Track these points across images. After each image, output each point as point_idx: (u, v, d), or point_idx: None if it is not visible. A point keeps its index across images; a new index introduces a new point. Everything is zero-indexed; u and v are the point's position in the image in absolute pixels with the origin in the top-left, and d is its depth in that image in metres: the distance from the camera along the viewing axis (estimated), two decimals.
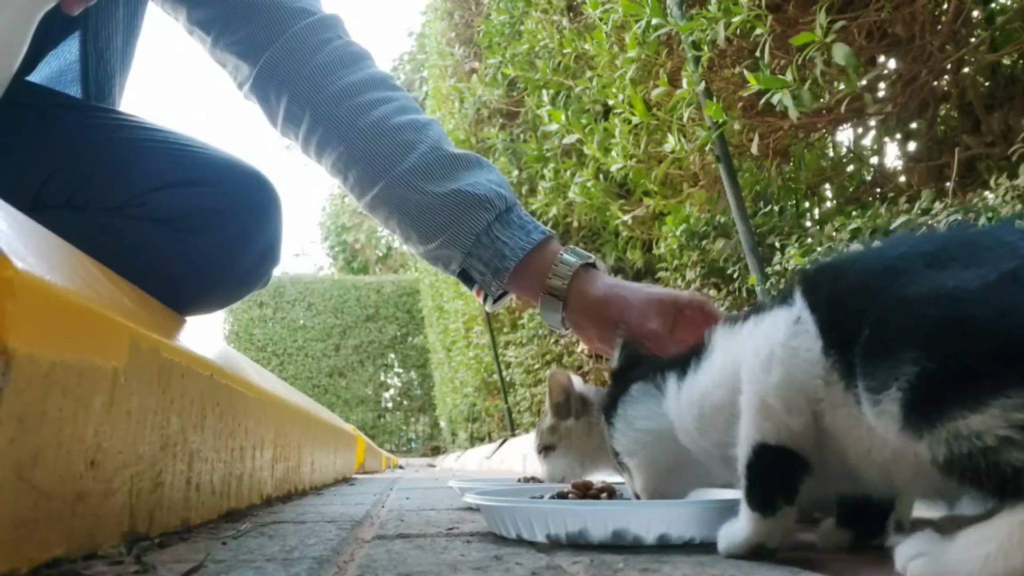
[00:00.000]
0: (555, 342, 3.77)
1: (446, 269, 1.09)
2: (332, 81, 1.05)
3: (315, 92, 1.05)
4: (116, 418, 0.60)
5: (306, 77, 1.05)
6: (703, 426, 0.71)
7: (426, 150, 1.04)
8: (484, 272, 1.04)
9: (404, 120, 1.06)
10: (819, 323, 0.59)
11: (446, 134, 1.12)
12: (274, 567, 0.58)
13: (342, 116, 1.04)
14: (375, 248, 16.43)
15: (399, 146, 1.03)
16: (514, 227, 1.04)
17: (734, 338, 0.69)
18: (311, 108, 1.05)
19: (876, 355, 0.52)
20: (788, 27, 1.79)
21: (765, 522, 0.61)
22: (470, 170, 1.05)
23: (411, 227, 1.05)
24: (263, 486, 1.21)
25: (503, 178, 1.08)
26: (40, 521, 0.50)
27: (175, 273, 1.01)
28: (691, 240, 2.34)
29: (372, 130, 1.04)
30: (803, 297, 0.61)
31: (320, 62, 1.06)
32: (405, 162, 1.02)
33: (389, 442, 13.18)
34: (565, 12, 3.13)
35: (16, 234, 0.53)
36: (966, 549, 0.47)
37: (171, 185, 1.02)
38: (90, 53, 1.14)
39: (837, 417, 0.58)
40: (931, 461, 0.49)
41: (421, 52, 11.11)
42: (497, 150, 4.28)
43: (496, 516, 0.81)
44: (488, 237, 1.02)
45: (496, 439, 5.60)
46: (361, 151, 1.04)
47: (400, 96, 1.10)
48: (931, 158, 2.02)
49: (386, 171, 1.03)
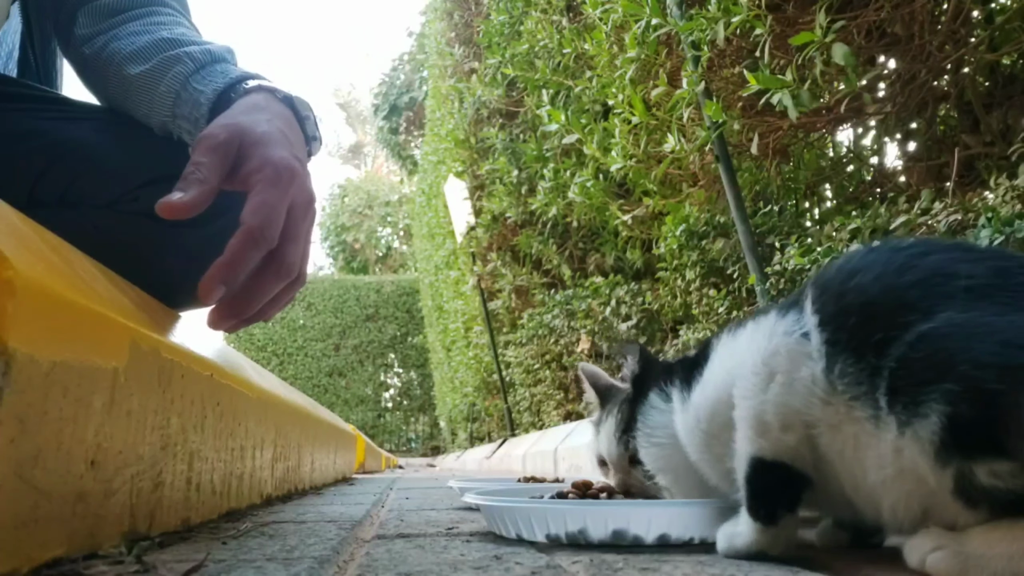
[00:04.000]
0: (555, 342, 3.77)
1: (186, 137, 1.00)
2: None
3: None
4: (116, 418, 0.60)
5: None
6: (704, 440, 0.70)
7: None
8: (191, 132, 0.96)
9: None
10: (830, 339, 0.57)
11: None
12: (274, 567, 0.58)
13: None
14: (375, 248, 16.43)
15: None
16: (215, 74, 0.95)
17: (732, 350, 0.68)
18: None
19: (914, 380, 0.51)
20: (788, 27, 1.79)
21: (768, 531, 0.61)
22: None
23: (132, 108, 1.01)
24: (263, 486, 1.21)
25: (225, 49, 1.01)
26: (40, 521, 0.50)
27: (170, 268, 0.99)
28: (691, 240, 2.34)
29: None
30: (814, 311, 0.60)
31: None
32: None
33: (389, 442, 13.18)
34: (565, 12, 3.13)
35: (16, 234, 0.53)
36: (989, 546, 0.47)
37: (163, 179, 1.00)
38: (34, 29, 1.11)
39: (836, 438, 0.57)
40: (952, 490, 0.49)
41: (421, 52, 11.11)
42: (497, 150, 4.28)
43: (496, 516, 0.81)
44: (187, 91, 0.94)
45: (496, 439, 5.60)
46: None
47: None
48: (930, 157, 2.02)
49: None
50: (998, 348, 0.47)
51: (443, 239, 6.66)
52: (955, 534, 0.50)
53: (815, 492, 0.61)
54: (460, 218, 5.11)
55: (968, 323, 0.50)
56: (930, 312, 0.52)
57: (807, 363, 0.58)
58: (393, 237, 16.70)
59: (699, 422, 0.70)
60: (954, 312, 0.51)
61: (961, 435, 0.48)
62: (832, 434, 0.58)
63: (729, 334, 0.71)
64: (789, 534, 0.62)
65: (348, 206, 16.45)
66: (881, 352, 0.53)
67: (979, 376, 0.47)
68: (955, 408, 0.48)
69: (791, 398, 0.59)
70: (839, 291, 0.59)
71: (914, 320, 0.52)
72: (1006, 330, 0.48)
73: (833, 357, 0.57)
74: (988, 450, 0.47)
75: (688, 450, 0.74)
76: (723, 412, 0.66)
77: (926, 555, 0.51)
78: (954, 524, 0.52)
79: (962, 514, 0.50)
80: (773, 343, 0.61)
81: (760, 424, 0.60)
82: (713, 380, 0.69)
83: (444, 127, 5.55)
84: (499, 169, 4.20)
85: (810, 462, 0.60)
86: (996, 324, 0.49)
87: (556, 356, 3.78)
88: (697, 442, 0.71)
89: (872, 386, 0.54)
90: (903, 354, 0.52)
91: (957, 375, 0.48)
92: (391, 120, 12.82)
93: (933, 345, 0.50)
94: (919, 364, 0.50)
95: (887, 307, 0.54)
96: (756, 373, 0.61)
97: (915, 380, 0.50)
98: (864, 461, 0.56)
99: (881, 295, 0.55)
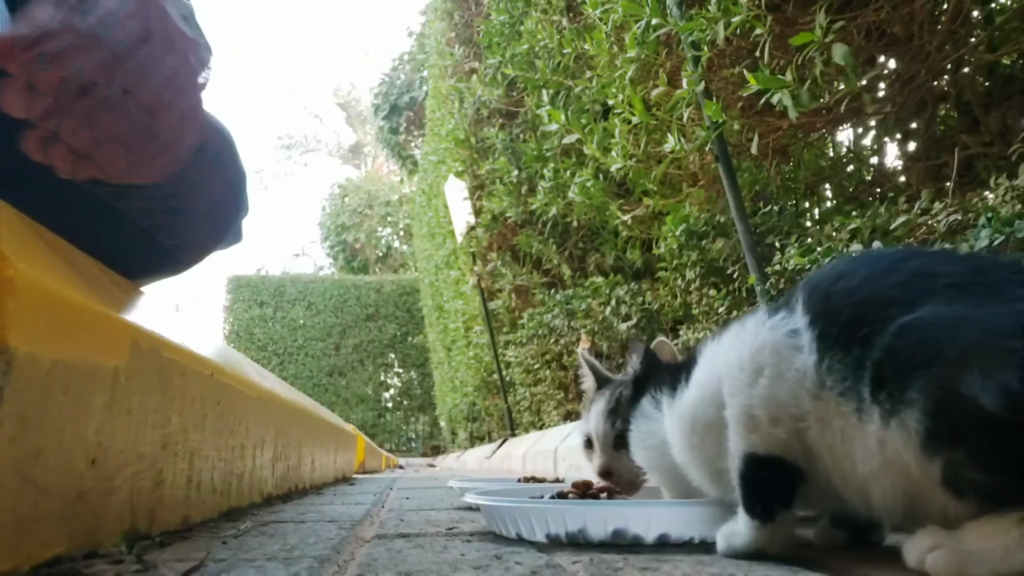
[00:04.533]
0: (555, 342, 3.77)
1: None
2: None
3: None
4: (117, 417, 0.60)
5: None
6: (688, 440, 0.71)
7: None
8: None
9: None
10: (819, 335, 0.59)
11: None
12: (275, 566, 0.58)
13: None
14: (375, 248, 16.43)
15: None
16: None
17: (716, 351, 0.69)
18: None
19: (898, 372, 0.52)
20: (787, 27, 1.79)
21: (765, 528, 0.61)
22: None
23: None
24: (263, 485, 1.21)
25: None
26: (41, 520, 0.50)
27: (127, 232, 0.88)
28: (690, 240, 2.34)
29: None
30: (805, 311, 0.61)
31: None
32: None
33: (389, 441, 13.18)
34: (565, 12, 3.13)
35: (17, 233, 0.53)
36: (985, 540, 0.48)
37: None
38: None
39: (825, 432, 0.58)
40: (940, 481, 0.50)
41: (421, 52, 11.10)
42: (497, 150, 4.28)
43: (496, 516, 0.81)
44: None
45: (496, 438, 5.60)
46: None
47: None
48: (930, 157, 2.03)
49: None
50: (982, 335, 0.49)
51: (443, 239, 6.66)
52: (952, 532, 0.51)
53: (809, 487, 0.61)
54: (460, 218, 5.11)
55: (951, 314, 0.51)
56: (913, 306, 0.53)
57: (797, 356, 0.59)
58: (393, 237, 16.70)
59: (683, 422, 0.71)
60: (936, 306, 0.52)
61: (950, 420, 0.48)
62: (821, 428, 0.58)
63: (713, 340, 0.72)
64: (786, 532, 0.62)
65: (348, 206, 16.44)
66: (867, 344, 0.54)
67: (966, 360, 0.48)
68: (941, 393, 0.49)
69: (779, 391, 0.60)
70: (827, 292, 0.60)
71: (897, 314, 0.53)
72: (987, 319, 0.49)
73: (822, 352, 0.58)
74: (976, 435, 0.47)
75: (673, 451, 0.75)
76: (707, 412, 0.67)
77: (924, 554, 0.51)
78: (943, 516, 0.52)
79: (951, 505, 0.51)
80: (760, 339, 0.62)
81: (750, 419, 0.61)
82: (698, 381, 0.70)
83: (444, 127, 5.55)
84: (499, 169, 4.20)
85: (802, 456, 0.60)
86: (978, 314, 0.50)
87: (556, 356, 3.78)
88: (682, 443, 0.72)
89: (857, 379, 0.55)
90: (888, 343, 0.53)
91: (943, 360, 0.49)
92: (391, 120, 12.82)
93: (918, 334, 0.52)
94: (904, 352, 0.52)
95: (873, 304, 0.56)
96: (743, 369, 0.62)
97: (900, 368, 0.52)
98: (852, 454, 0.56)
99: (867, 294, 0.57)
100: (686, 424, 0.70)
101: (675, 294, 2.52)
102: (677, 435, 0.73)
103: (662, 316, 2.83)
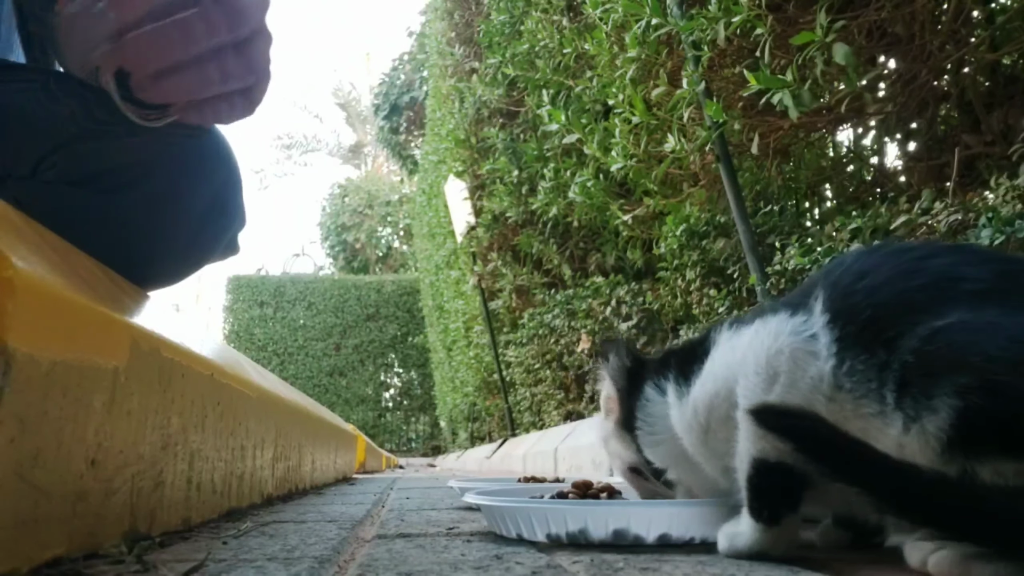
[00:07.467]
0: (555, 342, 3.77)
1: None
2: None
3: None
4: (117, 418, 0.60)
5: None
6: (702, 435, 0.70)
7: None
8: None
9: None
10: (839, 336, 0.58)
11: None
12: (275, 566, 0.58)
13: None
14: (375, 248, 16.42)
15: None
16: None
17: (734, 345, 0.68)
18: None
19: (926, 373, 0.51)
20: (788, 27, 1.79)
21: (770, 531, 0.61)
22: None
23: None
24: (264, 485, 1.21)
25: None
26: (41, 521, 0.50)
27: (107, 241, 0.87)
28: (691, 240, 2.34)
29: None
30: (824, 310, 0.60)
31: None
32: None
33: (389, 442, 13.17)
34: (565, 12, 3.13)
35: (16, 233, 0.53)
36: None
37: (77, 140, 0.88)
38: None
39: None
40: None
41: (421, 52, 11.09)
42: (497, 150, 4.27)
43: (496, 516, 0.81)
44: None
45: (496, 439, 5.60)
46: None
47: None
48: (931, 157, 2.02)
49: None
50: (1008, 343, 0.48)
51: (443, 239, 6.65)
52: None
53: (816, 490, 0.61)
54: (460, 218, 5.11)
55: (978, 322, 0.51)
56: (940, 314, 0.53)
57: (814, 363, 0.59)
58: (393, 237, 16.69)
59: (697, 415, 0.70)
60: (963, 313, 0.52)
61: (971, 429, 0.48)
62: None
63: (731, 329, 0.70)
64: (791, 534, 0.62)
65: (348, 206, 16.43)
66: (892, 347, 0.54)
67: (991, 369, 0.48)
68: (966, 402, 0.48)
69: (794, 399, 0.59)
70: (849, 291, 0.60)
71: (925, 320, 0.53)
72: (1014, 328, 0.49)
73: (842, 354, 0.57)
74: (996, 446, 0.47)
75: (685, 443, 0.74)
76: (722, 407, 0.66)
77: (927, 555, 0.51)
78: None
79: None
80: (778, 343, 0.61)
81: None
82: (714, 374, 0.69)
83: (444, 127, 5.55)
84: (499, 169, 4.20)
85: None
86: (1004, 323, 0.50)
87: (556, 356, 3.77)
88: (695, 437, 0.71)
89: (880, 382, 0.54)
90: (917, 347, 0.52)
91: (970, 368, 0.49)
92: (391, 120, 12.81)
93: (947, 339, 0.51)
94: (932, 357, 0.51)
95: (897, 307, 0.55)
96: (758, 373, 0.61)
97: (927, 372, 0.51)
98: None
99: (891, 296, 0.57)
100: (700, 416, 0.70)
101: (676, 294, 2.52)
102: (687, 427, 0.72)
103: (662, 316, 2.83)
